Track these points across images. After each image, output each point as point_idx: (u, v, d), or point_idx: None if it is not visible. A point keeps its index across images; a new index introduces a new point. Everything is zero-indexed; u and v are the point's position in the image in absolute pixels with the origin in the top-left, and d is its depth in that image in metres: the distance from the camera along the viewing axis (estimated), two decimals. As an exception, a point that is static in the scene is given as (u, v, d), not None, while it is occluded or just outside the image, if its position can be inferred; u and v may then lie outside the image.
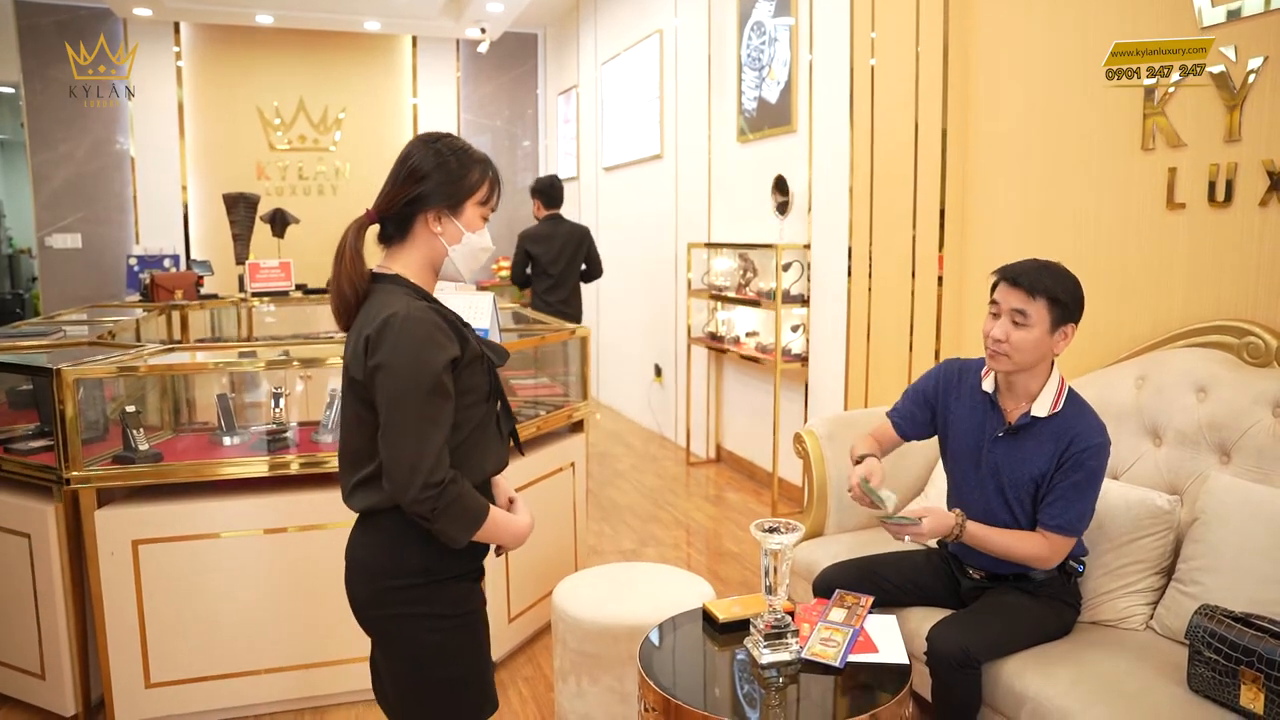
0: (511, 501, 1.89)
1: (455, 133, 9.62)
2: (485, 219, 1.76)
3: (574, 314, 5.74)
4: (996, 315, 2.23)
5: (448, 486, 1.57)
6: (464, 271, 1.77)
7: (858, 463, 2.38)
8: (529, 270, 5.86)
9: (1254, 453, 2.34)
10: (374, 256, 1.76)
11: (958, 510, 2.26)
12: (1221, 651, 1.89)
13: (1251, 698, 1.84)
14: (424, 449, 1.55)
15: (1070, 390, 2.28)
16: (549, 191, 5.98)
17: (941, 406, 2.44)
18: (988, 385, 2.34)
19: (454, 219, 1.71)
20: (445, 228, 1.71)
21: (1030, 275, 2.18)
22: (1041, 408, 2.24)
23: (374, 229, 1.76)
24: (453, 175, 1.69)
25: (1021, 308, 2.18)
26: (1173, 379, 2.59)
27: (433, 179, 1.68)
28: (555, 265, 5.75)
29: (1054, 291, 2.16)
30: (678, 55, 6.52)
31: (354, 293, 1.67)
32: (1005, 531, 2.25)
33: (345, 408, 1.71)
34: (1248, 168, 2.55)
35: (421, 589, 1.67)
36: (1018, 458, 2.25)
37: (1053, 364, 2.27)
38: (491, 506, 1.69)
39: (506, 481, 1.92)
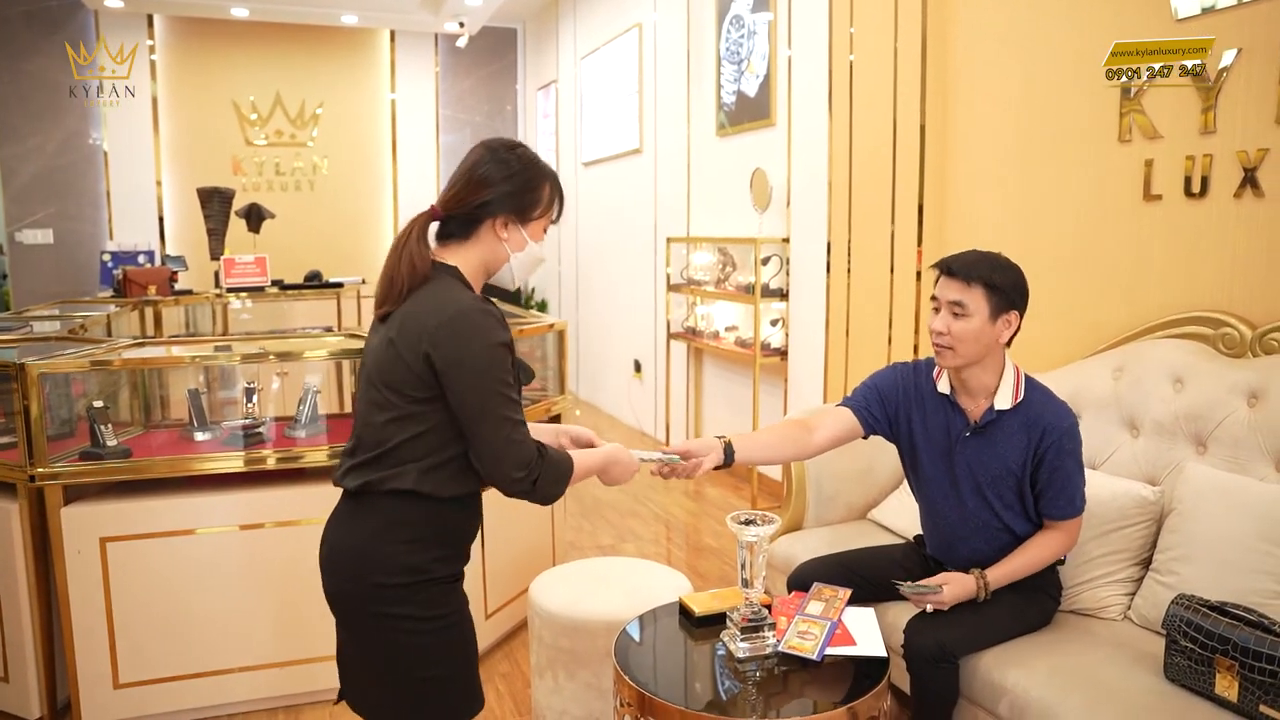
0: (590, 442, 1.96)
1: (435, 127, 9.60)
2: (546, 230, 1.81)
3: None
4: (937, 309, 2.20)
5: (537, 461, 1.64)
6: (518, 277, 1.81)
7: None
8: None
9: (1229, 443, 2.34)
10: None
11: (974, 570, 2.23)
12: (1197, 641, 1.89)
13: (1226, 685, 1.84)
14: (513, 434, 1.61)
15: (1028, 378, 2.26)
16: None
17: (903, 416, 2.37)
18: (943, 387, 2.30)
19: (521, 228, 1.75)
20: (512, 235, 1.74)
21: (965, 264, 2.16)
22: (1004, 400, 2.21)
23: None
24: (524, 186, 1.73)
25: (958, 298, 2.15)
26: (1150, 370, 2.59)
27: (504, 187, 1.71)
28: None
29: (989, 278, 2.13)
30: (657, 49, 6.50)
31: (413, 275, 1.66)
32: (1021, 551, 2.23)
33: (368, 388, 1.69)
34: (1222, 160, 2.56)
35: (408, 589, 1.65)
36: (990, 454, 2.23)
37: (1004, 356, 2.24)
38: (572, 454, 1.76)
39: (587, 432, 1.99)
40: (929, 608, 2.20)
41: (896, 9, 3.71)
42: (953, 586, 2.18)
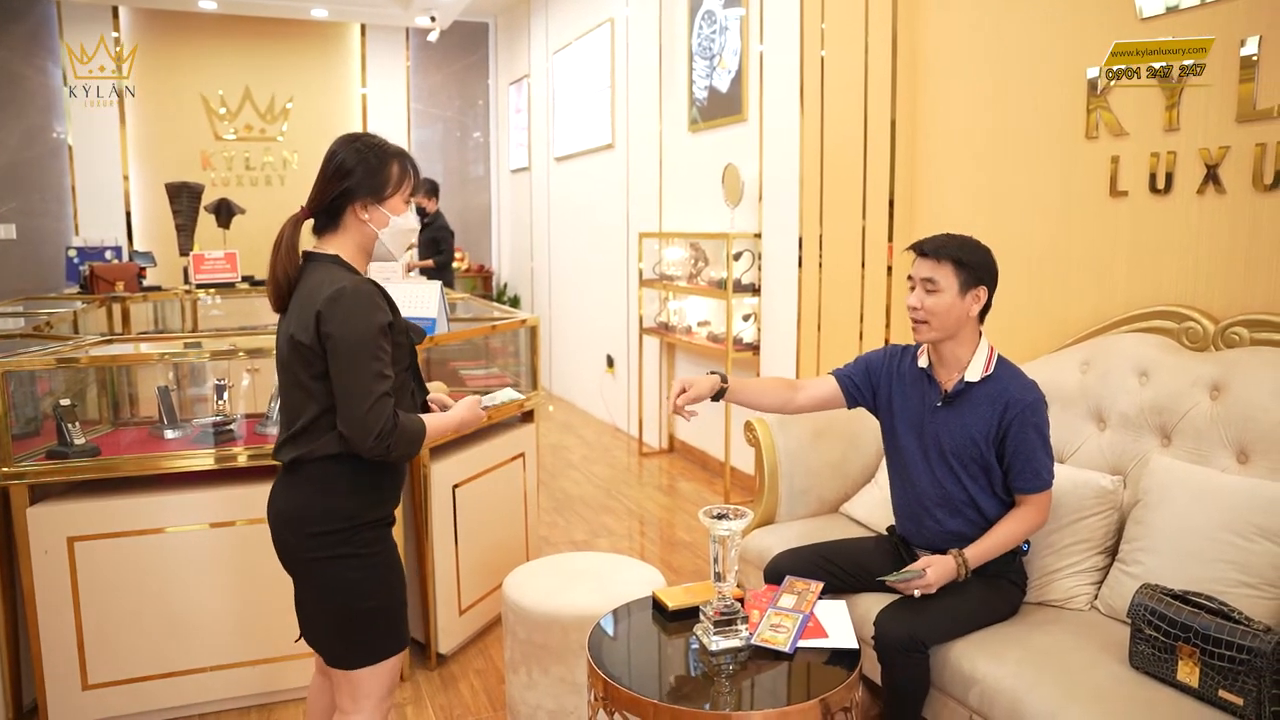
0: (443, 407, 2.15)
1: (406, 122, 9.53)
2: (407, 203, 1.99)
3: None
4: (913, 288, 2.34)
5: (393, 429, 1.81)
6: (394, 250, 2.00)
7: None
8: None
9: (1193, 435, 2.39)
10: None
11: (952, 550, 2.28)
12: (1160, 629, 1.92)
13: (1188, 672, 1.88)
14: (375, 405, 1.79)
15: (1000, 357, 2.36)
16: (436, 189, 7.10)
17: (884, 390, 2.51)
18: (923, 362, 2.43)
19: (379, 207, 1.94)
20: (373, 215, 1.94)
21: (935, 244, 2.31)
22: (974, 373, 2.32)
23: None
24: (373, 169, 1.91)
25: (929, 275, 2.29)
26: (1116, 364, 2.63)
27: (357, 174, 1.90)
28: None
29: (957, 255, 2.27)
30: (629, 44, 6.49)
31: (287, 279, 1.91)
32: (995, 530, 2.30)
33: (283, 372, 1.91)
34: (1185, 157, 2.60)
35: (345, 533, 1.88)
36: (958, 424, 2.32)
37: (979, 333, 2.36)
38: (424, 419, 1.94)
39: (438, 396, 2.19)
40: (916, 593, 2.23)
41: (867, 6, 3.73)
42: (935, 568, 2.23)
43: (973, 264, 2.28)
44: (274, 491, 1.97)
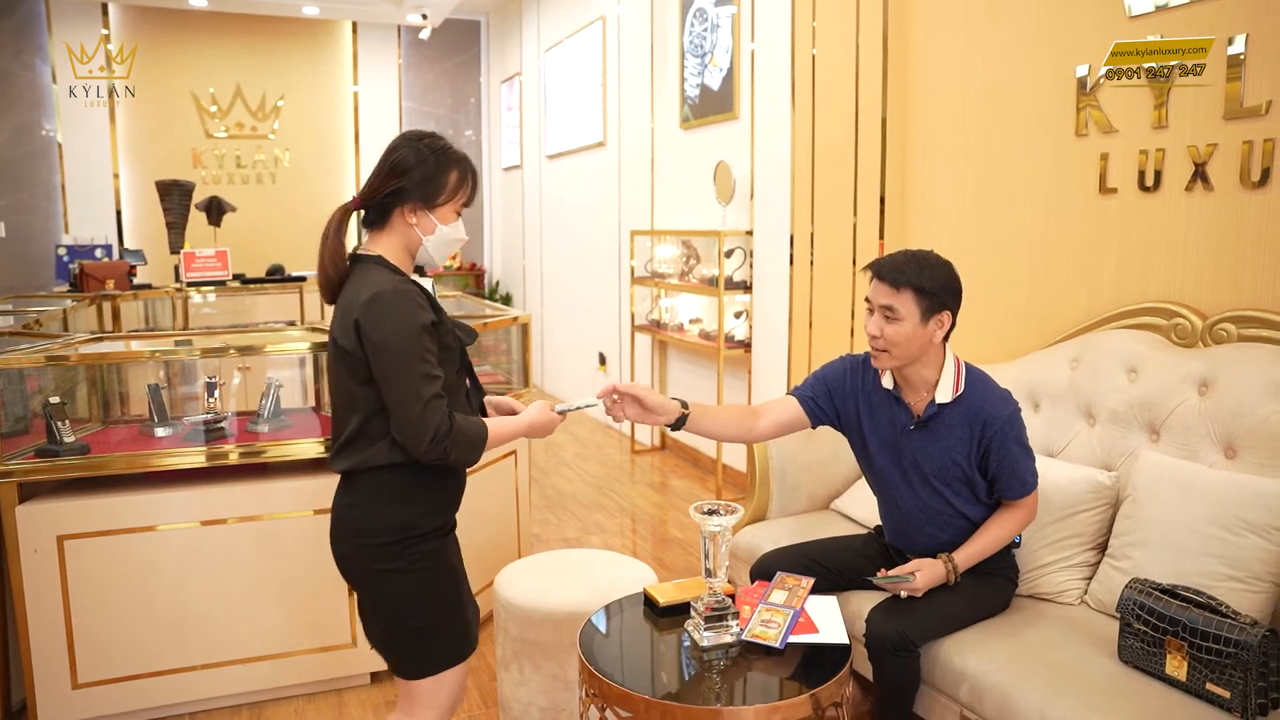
0: (509, 411, 2.09)
1: (398, 120, 9.52)
2: (458, 213, 1.93)
3: None
4: (871, 311, 2.23)
5: (450, 432, 1.77)
6: (436, 258, 1.95)
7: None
8: None
9: (1181, 430, 2.40)
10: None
11: (941, 554, 2.27)
12: (1149, 623, 1.94)
13: (1176, 665, 1.89)
14: (428, 406, 1.75)
15: (968, 368, 2.29)
16: None
17: (850, 409, 2.40)
18: (887, 383, 2.33)
19: (429, 213, 1.88)
20: (420, 220, 1.88)
21: (894, 268, 2.17)
22: (944, 394, 2.24)
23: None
24: (430, 173, 1.85)
25: (888, 303, 2.16)
26: (1105, 360, 2.64)
27: (413, 176, 1.84)
28: None
29: (918, 282, 2.14)
30: (620, 42, 6.49)
31: (335, 271, 1.87)
32: (983, 532, 2.28)
33: (332, 378, 1.89)
34: (1174, 154, 2.61)
35: (398, 545, 1.84)
36: (935, 447, 2.27)
37: (944, 350, 2.27)
38: (486, 421, 1.90)
39: (507, 400, 2.15)
40: (903, 594, 2.24)
41: (858, 4, 3.74)
42: (924, 573, 2.22)
43: (934, 289, 2.15)
44: (334, 500, 1.93)
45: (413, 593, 1.86)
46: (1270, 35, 2.37)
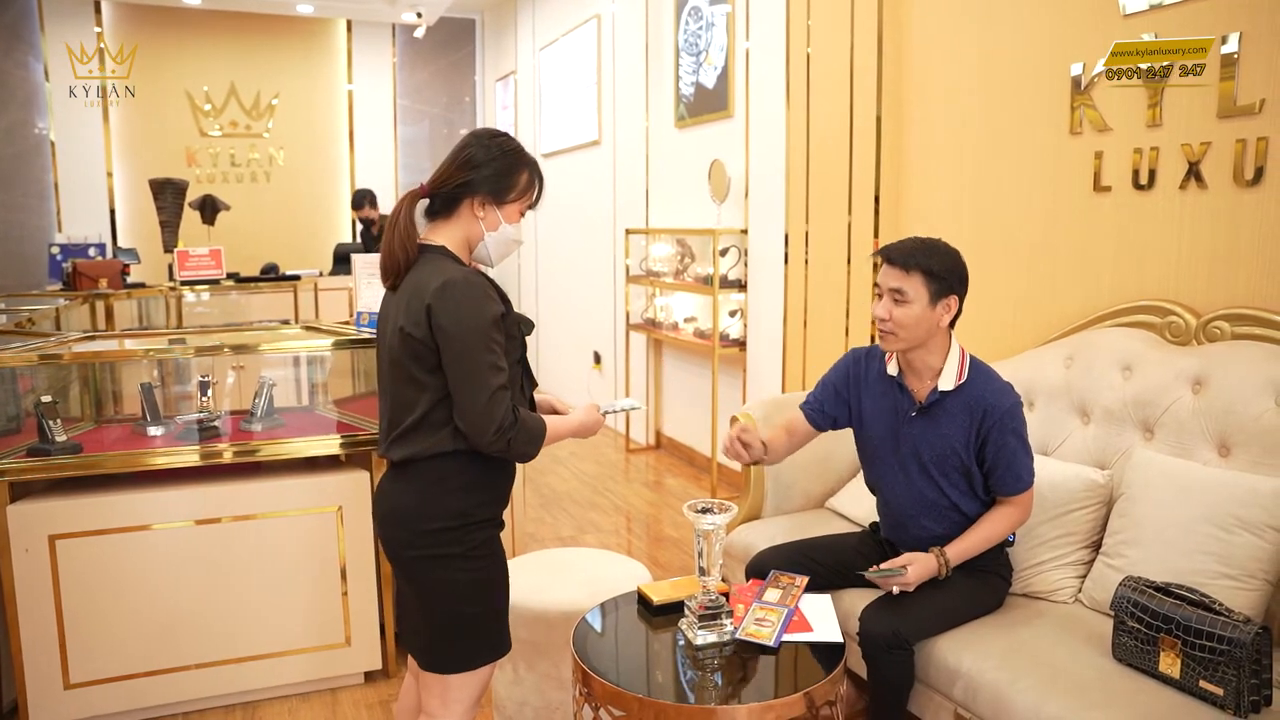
0: (555, 411, 2.11)
1: (393, 119, 9.50)
2: (522, 214, 1.96)
3: None
4: (880, 296, 2.27)
5: (515, 424, 1.79)
6: (494, 257, 1.97)
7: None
8: None
9: (1175, 428, 2.40)
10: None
11: (933, 548, 2.27)
12: (1143, 620, 1.94)
13: (1169, 663, 1.89)
14: (494, 397, 1.77)
15: (972, 359, 2.32)
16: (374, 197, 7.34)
17: (854, 399, 2.45)
18: (892, 369, 2.37)
19: (497, 209, 1.90)
20: (487, 215, 1.90)
21: (904, 253, 2.23)
22: (948, 381, 2.27)
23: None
24: (502, 170, 1.88)
25: (898, 285, 2.22)
26: (1100, 358, 2.64)
27: (483, 170, 1.86)
28: None
29: (927, 265, 2.20)
30: (615, 40, 6.49)
31: (405, 256, 1.86)
32: (976, 528, 2.28)
33: (391, 365, 1.88)
34: (1168, 153, 2.61)
35: (456, 531, 1.85)
36: (935, 434, 2.29)
37: (950, 337, 2.30)
38: (545, 419, 1.93)
39: (549, 398, 2.15)
40: (895, 589, 2.23)
41: (853, 2, 3.74)
42: (916, 567, 2.22)
43: (943, 273, 2.20)
44: (381, 488, 1.94)
45: (468, 580, 1.86)
46: (1264, 34, 2.37)
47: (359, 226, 7.84)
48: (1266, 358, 2.28)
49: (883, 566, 2.23)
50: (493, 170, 1.86)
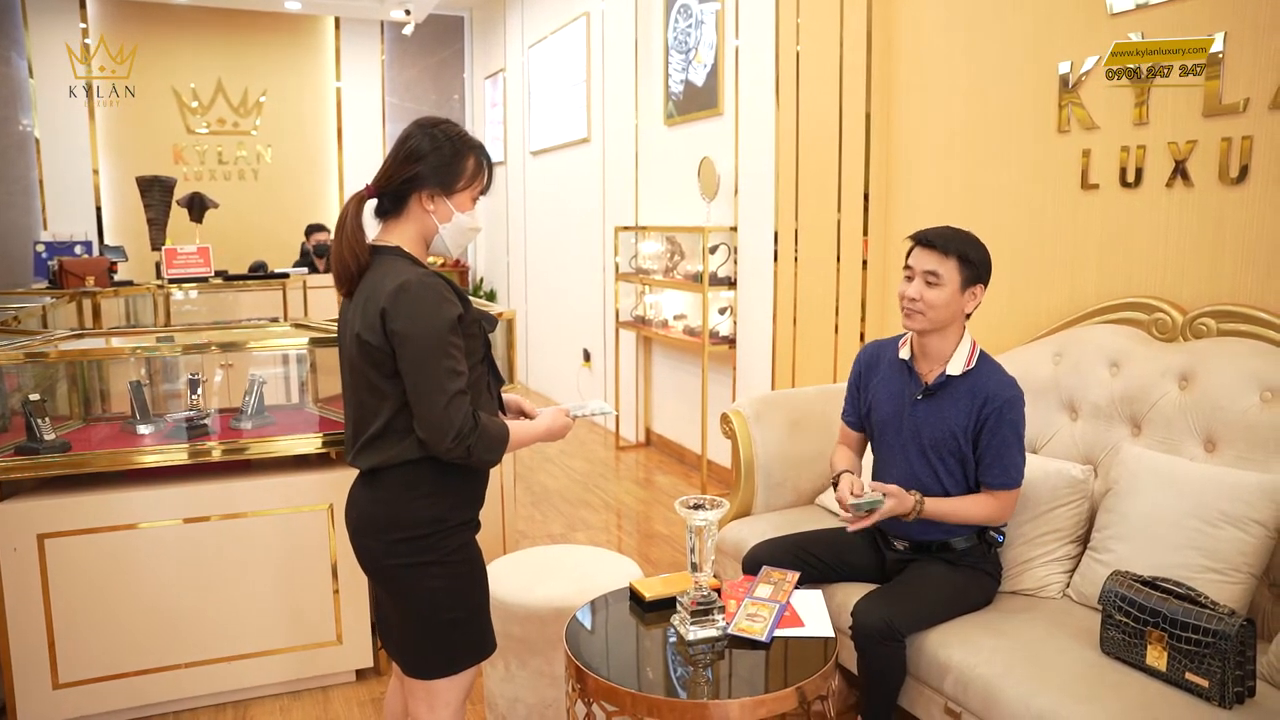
0: (523, 413, 2.08)
1: (381, 117, 9.45)
2: (475, 200, 1.90)
3: None
4: (910, 278, 2.34)
5: (474, 429, 1.74)
6: (451, 248, 1.91)
7: (835, 482, 2.43)
8: None
9: (1162, 424, 2.42)
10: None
11: (915, 491, 2.31)
12: (1130, 614, 1.96)
13: (1156, 656, 1.91)
14: (451, 402, 1.71)
15: (981, 351, 2.38)
16: None
17: (865, 388, 2.55)
18: (904, 353, 2.44)
19: (446, 200, 1.84)
20: (437, 207, 1.84)
21: (943, 237, 2.31)
22: (956, 366, 2.34)
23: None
24: (447, 159, 1.82)
25: (934, 268, 2.29)
26: (1088, 355, 2.66)
27: (429, 162, 1.80)
28: None
29: (964, 251, 2.29)
30: (604, 38, 6.48)
31: (355, 262, 1.81)
32: (958, 500, 2.33)
33: (351, 373, 1.84)
34: (1155, 151, 2.63)
35: (430, 538, 1.81)
36: (938, 417, 2.34)
37: (964, 327, 2.38)
38: (509, 424, 1.88)
39: (515, 399, 2.11)
40: (849, 528, 2.29)
41: (842, 1, 3.75)
42: (894, 500, 2.26)
43: (977, 261, 2.30)
44: (352, 497, 1.90)
45: (445, 586, 1.83)
46: (1249, 33, 2.39)
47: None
48: (1251, 354, 2.30)
49: (865, 497, 2.26)
50: (438, 160, 1.80)
